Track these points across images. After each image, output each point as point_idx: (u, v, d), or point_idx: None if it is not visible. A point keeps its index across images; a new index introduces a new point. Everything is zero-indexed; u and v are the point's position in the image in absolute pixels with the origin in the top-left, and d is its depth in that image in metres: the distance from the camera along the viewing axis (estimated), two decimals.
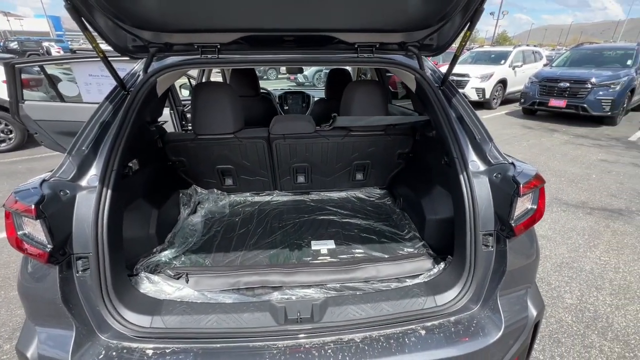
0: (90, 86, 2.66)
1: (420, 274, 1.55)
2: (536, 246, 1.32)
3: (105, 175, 1.26)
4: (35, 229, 1.13)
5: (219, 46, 1.53)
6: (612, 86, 7.23)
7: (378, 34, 1.54)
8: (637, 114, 8.95)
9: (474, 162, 1.37)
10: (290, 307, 1.27)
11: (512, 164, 1.28)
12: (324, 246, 1.83)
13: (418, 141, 2.09)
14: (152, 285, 1.40)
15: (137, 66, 1.69)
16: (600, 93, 7.29)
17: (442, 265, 1.52)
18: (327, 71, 7.59)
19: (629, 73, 7.47)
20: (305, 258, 1.73)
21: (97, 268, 1.17)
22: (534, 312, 1.25)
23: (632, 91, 7.60)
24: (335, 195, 2.40)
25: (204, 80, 3.19)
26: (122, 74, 2.83)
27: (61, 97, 2.68)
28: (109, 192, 1.24)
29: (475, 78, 9.52)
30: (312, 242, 1.85)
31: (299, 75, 12.79)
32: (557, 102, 7.81)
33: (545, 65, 10.48)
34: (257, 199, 2.33)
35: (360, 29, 1.49)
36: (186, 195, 2.17)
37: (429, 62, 1.69)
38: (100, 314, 1.16)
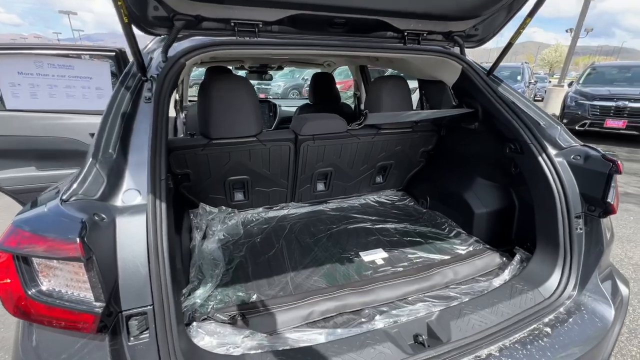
0: (19, 88, 1.97)
1: (496, 269, 1.49)
2: (611, 225, 1.37)
3: (155, 187, 0.87)
4: (64, 279, 0.70)
5: (260, 25, 1.27)
6: None
7: (428, 21, 1.47)
8: None
9: None
10: (404, 331, 1.05)
11: (588, 145, 1.31)
12: (376, 256, 1.63)
13: (443, 137, 2.06)
14: (213, 339, 1.01)
15: (151, 44, 1.30)
16: None
17: (517, 256, 1.47)
18: (260, 87, 7.32)
19: (521, 86, 9.14)
20: (365, 272, 1.51)
21: (162, 327, 0.78)
22: (625, 289, 1.28)
23: None
24: (354, 201, 2.21)
25: (174, 96, 2.68)
26: (89, 83, 2.20)
27: None
28: (163, 211, 0.86)
29: None
30: (361, 254, 1.64)
31: None
32: None
33: None
34: (270, 214, 2.00)
35: (414, 13, 1.40)
36: (197, 216, 1.73)
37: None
38: None
